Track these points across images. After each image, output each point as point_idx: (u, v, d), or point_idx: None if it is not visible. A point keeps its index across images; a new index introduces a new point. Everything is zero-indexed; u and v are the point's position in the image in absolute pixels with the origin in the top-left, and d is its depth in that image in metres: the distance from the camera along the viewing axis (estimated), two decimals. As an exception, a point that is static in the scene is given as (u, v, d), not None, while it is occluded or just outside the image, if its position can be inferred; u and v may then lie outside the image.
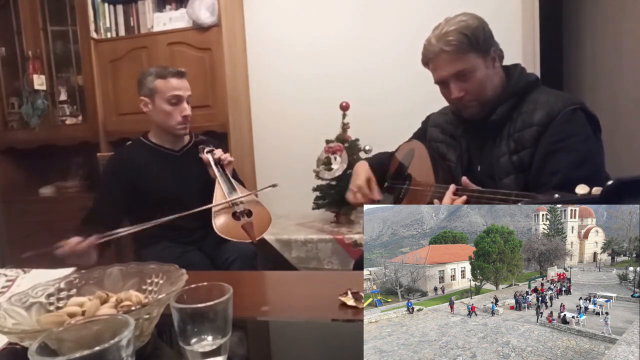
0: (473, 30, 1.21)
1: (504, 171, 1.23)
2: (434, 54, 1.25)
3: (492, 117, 1.26)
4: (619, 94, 2.33)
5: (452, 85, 1.25)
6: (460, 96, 1.25)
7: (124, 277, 0.82)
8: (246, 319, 0.84)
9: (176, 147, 1.87)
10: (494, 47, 1.26)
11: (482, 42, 1.22)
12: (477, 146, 1.33)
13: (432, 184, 1.32)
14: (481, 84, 1.24)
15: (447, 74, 1.24)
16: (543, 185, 1.16)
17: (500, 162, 1.24)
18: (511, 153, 1.23)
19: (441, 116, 1.48)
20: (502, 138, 1.25)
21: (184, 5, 2.63)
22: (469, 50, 1.21)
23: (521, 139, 1.21)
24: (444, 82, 1.27)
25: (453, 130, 1.40)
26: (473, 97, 1.25)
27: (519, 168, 1.21)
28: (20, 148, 2.90)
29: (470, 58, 1.22)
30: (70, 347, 0.53)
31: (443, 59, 1.23)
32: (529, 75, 1.30)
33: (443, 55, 1.23)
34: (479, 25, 1.23)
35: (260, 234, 1.70)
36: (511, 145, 1.23)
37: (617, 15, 2.33)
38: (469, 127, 1.35)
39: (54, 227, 2.68)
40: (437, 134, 1.46)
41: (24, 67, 2.82)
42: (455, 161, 1.37)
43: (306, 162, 2.66)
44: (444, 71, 1.25)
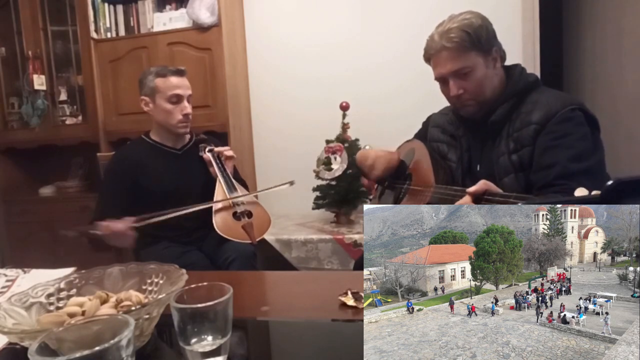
0: (476, 29, 1.21)
1: (504, 171, 1.24)
2: (435, 50, 1.25)
3: (492, 118, 1.26)
4: (619, 94, 2.33)
5: (451, 83, 1.25)
6: (459, 94, 1.25)
7: (124, 277, 0.82)
8: (246, 319, 0.84)
9: (177, 146, 1.87)
10: (495, 47, 1.26)
11: (484, 42, 1.22)
12: (477, 146, 1.34)
13: (431, 184, 1.32)
14: (480, 83, 1.24)
15: (447, 71, 1.24)
16: (542, 180, 1.16)
17: (499, 161, 1.25)
18: (510, 152, 1.23)
19: (442, 116, 1.48)
20: (501, 138, 1.26)
21: (184, 5, 2.63)
22: (470, 48, 1.21)
23: (520, 138, 1.21)
24: (443, 79, 1.27)
25: (454, 130, 1.40)
26: (471, 96, 1.25)
27: (519, 167, 1.22)
28: (20, 148, 2.90)
29: (471, 57, 1.22)
30: (70, 347, 0.53)
31: (444, 56, 1.23)
32: (529, 76, 1.30)
33: (444, 52, 1.23)
34: (482, 24, 1.23)
35: (260, 235, 1.70)
36: (510, 145, 1.23)
37: (617, 15, 2.33)
38: (469, 127, 1.35)
39: (54, 227, 2.68)
40: (438, 134, 1.46)
41: (24, 67, 2.82)
42: (456, 161, 1.37)
43: (306, 162, 2.66)
44: (443, 68, 1.25)
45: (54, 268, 1.13)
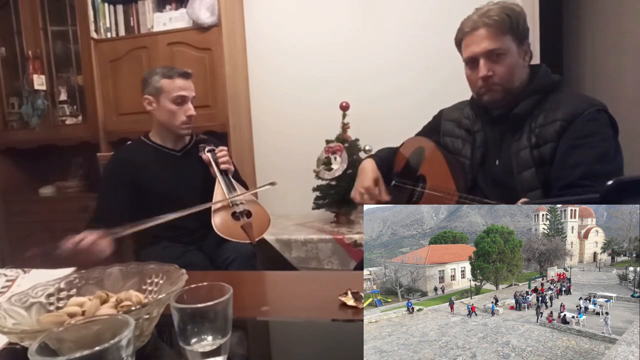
0: (516, 14, 1.23)
1: (524, 165, 1.23)
2: (471, 28, 1.25)
3: (515, 111, 1.26)
4: (619, 94, 2.33)
5: (482, 63, 1.24)
6: (488, 75, 1.25)
7: (124, 277, 0.82)
8: (246, 319, 0.84)
9: (177, 147, 1.87)
10: (528, 42, 1.28)
11: (521, 30, 1.24)
12: (495, 141, 1.33)
13: (453, 191, 1.30)
14: (511, 69, 1.24)
15: (481, 50, 1.24)
16: (565, 179, 1.16)
17: (520, 155, 1.24)
18: (532, 147, 1.23)
19: (457, 110, 1.47)
20: (522, 132, 1.25)
21: (184, 5, 2.63)
22: (507, 31, 1.22)
23: (543, 133, 1.21)
24: (473, 59, 1.27)
25: (470, 125, 1.39)
26: (500, 80, 1.25)
27: (539, 162, 1.21)
28: (20, 148, 2.90)
29: (507, 40, 1.23)
30: (70, 347, 0.53)
31: (481, 34, 1.24)
32: (554, 76, 1.31)
33: (482, 30, 1.23)
34: (522, 12, 1.25)
35: (259, 235, 1.70)
36: (532, 140, 1.23)
37: (617, 15, 2.33)
38: (487, 121, 1.35)
39: (54, 227, 2.69)
40: (453, 127, 1.45)
41: (24, 67, 2.82)
42: (470, 156, 1.36)
43: (306, 162, 2.66)
44: (478, 47, 1.24)
45: (54, 268, 1.13)
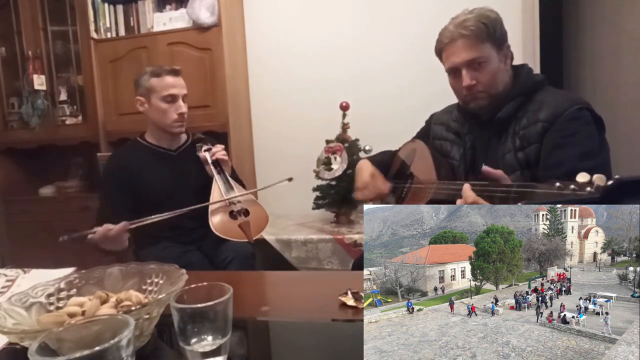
0: (492, 21, 1.23)
1: (510, 168, 1.24)
2: (449, 39, 1.26)
3: (499, 115, 1.27)
4: (619, 94, 2.33)
5: (464, 73, 1.25)
6: (472, 84, 1.25)
7: (124, 277, 0.82)
8: (246, 319, 0.84)
9: (173, 147, 1.87)
10: (507, 45, 1.28)
11: (499, 35, 1.24)
12: (482, 144, 1.34)
13: (434, 180, 1.32)
14: (493, 76, 1.25)
15: (462, 60, 1.24)
16: (549, 179, 1.17)
17: (505, 159, 1.25)
18: (516, 150, 1.24)
19: (445, 114, 1.48)
20: (507, 135, 1.26)
21: (184, 5, 2.63)
22: (485, 39, 1.23)
23: (527, 135, 1.22)
24: (455, 70, 1.28)
25: (458, 127, 1.40)
26: (484, 88, 1.26)
27: (525, 164, 1.22)
28: (20, 148, 2.90)
29: (486, 48, 1.23)
30: (70, 347, 0.53)
31: (459, 45, 1.24)
32: (536, 76, 1.31)
33: (460, 41, 1.24)
34: (497, 18, 1.26)
35: (257, 234, 1.69)
36: (517, 142, 1.24)
37: (617, 15, 2.33)
38: (474, 124, 1.36)
39: (54, 227, 2.68)
40: (442, 131, 1.46)
41: (24, 67, 2.82)
42: (459, 159, 1.38)
43: (306, 162, 2.65)
44: (458, 57, 1.25)
45: (54, 268, 1.13)
